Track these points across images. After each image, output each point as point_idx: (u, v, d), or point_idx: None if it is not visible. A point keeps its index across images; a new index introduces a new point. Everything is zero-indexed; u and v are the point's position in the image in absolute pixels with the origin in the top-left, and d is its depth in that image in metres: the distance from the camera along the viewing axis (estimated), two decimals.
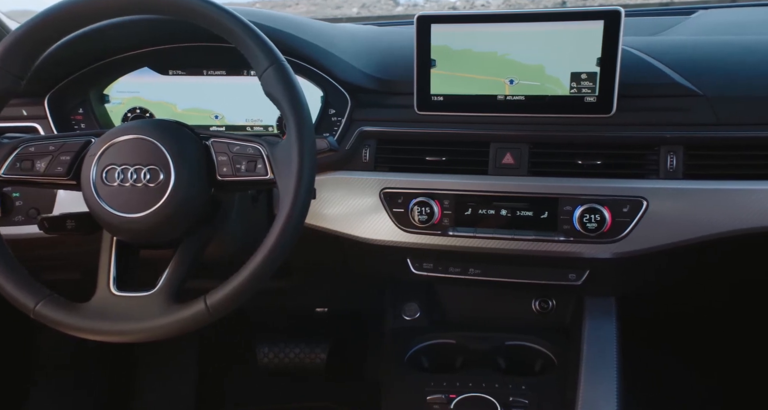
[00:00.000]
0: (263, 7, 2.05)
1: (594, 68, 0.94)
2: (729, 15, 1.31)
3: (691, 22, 1.25)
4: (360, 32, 1.23)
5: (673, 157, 0.94)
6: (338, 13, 2.08)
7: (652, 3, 1.77)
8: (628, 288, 1.08)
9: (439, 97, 1.01)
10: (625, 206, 0.94)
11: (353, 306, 1.48)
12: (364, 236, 1.05)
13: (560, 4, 1.87)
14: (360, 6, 2.04)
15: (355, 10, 2.05)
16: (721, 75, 0.97)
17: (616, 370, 0.93)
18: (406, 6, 2.01)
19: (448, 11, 0.99)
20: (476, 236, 1.01)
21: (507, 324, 1.11)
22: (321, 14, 2.08)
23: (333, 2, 2.15)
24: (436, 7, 1.96)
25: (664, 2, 1.74)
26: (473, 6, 1.90)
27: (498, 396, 0.91)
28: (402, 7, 2.01)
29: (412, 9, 1.94)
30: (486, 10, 1.65)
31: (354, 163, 1.05)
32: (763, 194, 0.90)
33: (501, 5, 1.94)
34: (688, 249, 0.95)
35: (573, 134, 0.98)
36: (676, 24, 1.23)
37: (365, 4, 2.04)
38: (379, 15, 1.98)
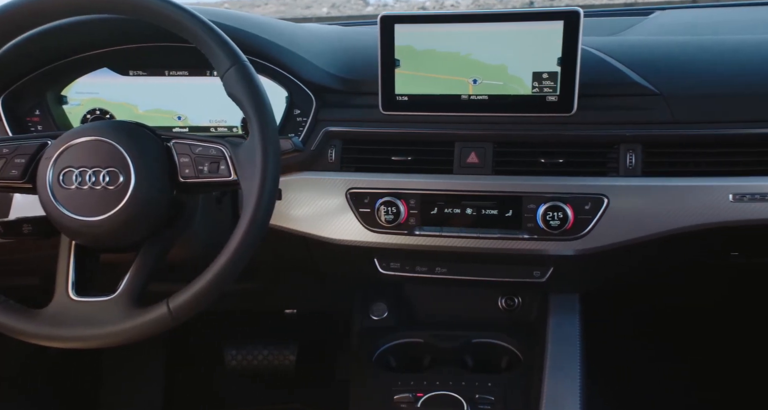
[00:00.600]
0: (231, 7, 2.03)
1: (555, 68, 0.95)
2: (685, 16, 1.35)
3: (649, 23, 1.28)
4: (325, 32, 1.23)
5: (632, 155, 0.96)
6: (308, 13, 2.07)
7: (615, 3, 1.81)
8: (591, 285, 1.10)
9: (403, 97, 1.01)
10: (586, 203, 0.96)
11: (322, 307, 1.48)
12: (331, 236, 1.05)
13: (528, 4, 1.89)
14: (330, 6, 2.04)
15: (324, 9, 2.04)
16: (677, 74, 0.99)
17: (579, 365, 0.94)
18: (376, 6, 2.01)
19: (411, 11, 0.99)
20: (442, 236, 1.01)
21: (474, 321, 1.12)
22: (290, 14, 2.07)
23: (302, 2, 2.14)
24: (406, 7, 1.96)
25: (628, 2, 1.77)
26: (443, 6, 1.91)
27: (464, 394, 0.91)
28: (372, 6, 2.00)
29: (382, 9, 1.94)
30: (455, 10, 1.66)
31: (320, 163, 1.05)
32: (717, 190, 0.93)
33: (470, 5, 1.95)
34: (648, 245, 0.97)
35: (536, 133, 0.99)
36: (635, 24, 1.26)
37: (335, 4, 2.03)
38: (349, 15, 1.98)
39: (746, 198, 0.92)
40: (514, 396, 0.92)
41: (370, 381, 0.98)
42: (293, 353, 1.53)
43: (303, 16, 2.03)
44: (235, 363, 1.54)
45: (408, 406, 0.90)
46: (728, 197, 0.92)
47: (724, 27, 1.24)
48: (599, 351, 1.15)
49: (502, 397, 0.92)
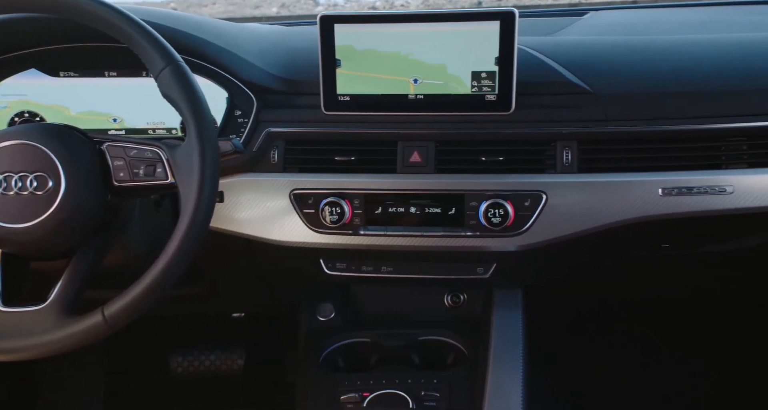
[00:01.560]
0: (178, 7, 1.99)
1: (493, 67, 0.97)
2: (618, 16, 1.39)
3: (583, 23, 1.32)
4: (266, 32, 1.22)
5: (568, 152, 0.99)
6: (257, 13, 2.05)
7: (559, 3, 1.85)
8: (533, 280, 1.13)
9: (345, 97, 1.01)
10: (526, 200, 0.98)
11: (270, 309, 1.46)
12: (276, 238, 1.04)
13: (476, 4, 1.91)
14: (279, 6, 2.02)
15: (274, 9, 2.02)
16: (609, 73, 1.02)
17: (521, 359, 0.96)
18: (326, 6, 2.00)
19: (350, 11, 0.99)
20: (387, 235, 1.02)
21: (421, 319, 1.13)
22: (239, 14, 2.04)
23: (251, 2, 2.10)
24: (357, 7, 1.96)
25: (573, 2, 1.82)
26: (393, 6, 1.92)
27: (410, 392, 0.92)
28: (322, 6, 2.00)
29: (333, 9, 1.93)
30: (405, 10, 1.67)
31: (263, 164, 1.04)
32: (648, 185, 0.96)
33: (420, 5, 1.96)
34: (585, 239, 1.00)
35: (476, 131, 1.00)
36: (570, 24, 1.30)
37: (285, 4, 2.01)
38: (300, 14, 1.96)
39: (674, 192, 0.96)
40: (459, 392, 0.93)
41: (316, 382, 0.98)
42: (241, 357, 1.51)
43: (252, 16, 2.00)
44: (180, 370, 1.51)
45: (354, 406, 0.91)
46: (658, 191, 0.96)
47: (654, 28, 1.29)
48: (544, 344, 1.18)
49: (447, 393, 0.93)
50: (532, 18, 1.42)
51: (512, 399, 0.89)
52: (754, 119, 0.95)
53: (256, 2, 2.09)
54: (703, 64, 1.05)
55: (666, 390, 1.52)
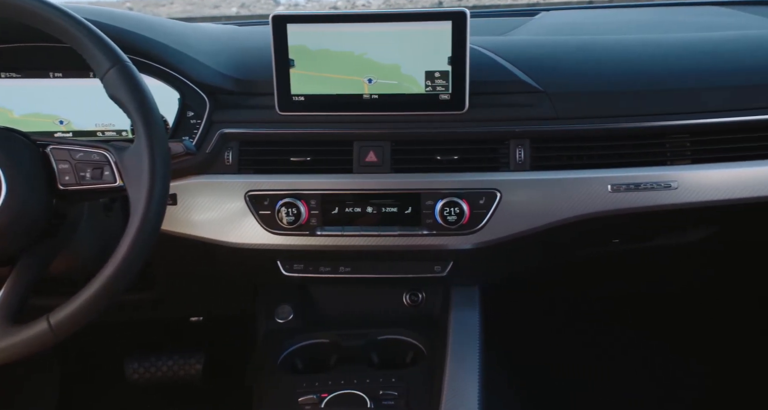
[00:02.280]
0: (134, 6, 1.96)
1: (446, 67, 0.98)
2: (568, 16, 1.42)
3: (535, 23, 1.34)
4: (219, 32, 1.20)
5: (521, 150, 1.00)
6: (216, 13, 2.02)
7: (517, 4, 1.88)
8: (490, 277, 1.14)
9: (300, 98, 1.01)
10: (481, 198, 0.99)
11: (229, 312, 1.44)
12: (232, 240, 1.03)
13: (437, 4, 1.93)
14: (239, 5, 1.99)
15: (234, 9, 1.99)
16: (559, 72, 1.04)
17: (478, 356, 0.98)
18: (287, 5, 1.98)
19: (302, 11, 0.99)
20: (344, 235, 1.02)
21: (380, 319, 1.13)
22: (198, 14, 2.01)
23: (210, 1, 2.08)
24: (318, 7, 1.96)
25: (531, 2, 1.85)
26: (354, 6, 1.92)
27: (368, 391, 0.92)
28: (283, 6, 1.98)
29: (294, 9, 1.92)
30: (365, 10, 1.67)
31: (217, 166, 1.03)
32: (597, 182, 0.98)
33: (381, 5, 1.97)
34: (539, 236, 1.01)
35: (431, 130, 1.01)
36: (522, 24, 1.32)
37: (244, 4, 1.99)
38: (260, 14, 1.95)
39: (623, 188, 0.98)
40: (417, 390, 0.94)
41: (274, 384, 0.97)
42: (200, 361, 1.48)
43: (211, 16, 1.98)
44: (136, 376, 1.47)
45: (312, 407, 0.90)
46: (607, 187, 0.98)
47: (603, 28, 1.32)
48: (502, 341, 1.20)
49: (405, 392, 0.93)
50: (484, 18, 1.44)
51: (469, 396, 0.90)
52: (696, 117, 0.99)
53: (215, 2, 2.06)
54: (649, 63, 1.08)
55: (623, 386, 1.56)
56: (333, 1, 2.00)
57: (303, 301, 1.17)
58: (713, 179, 0.99)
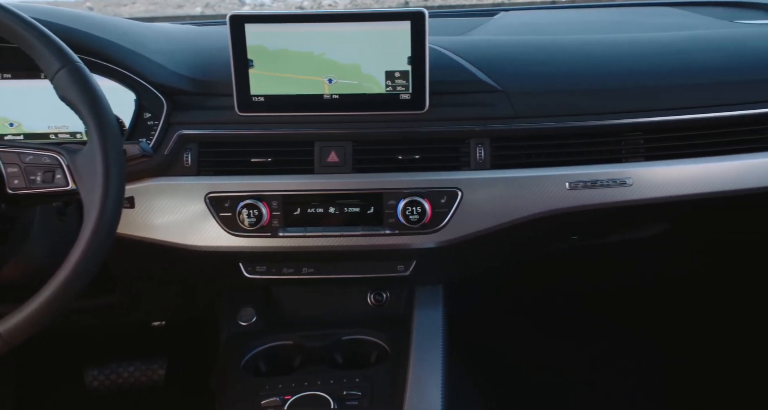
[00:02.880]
0: (95, 6, 1.91)
1: (406, 67, 0.98)
2: (527, 17, 1.45)
3: (494, 23, 1.36)
4: (176, 32, 1.18)
5: (481, 149, 1.01)
6: (180, 12, 1.99)
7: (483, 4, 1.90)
8: (453, 275, 1.15)
9: (259, 98, 1.00)
10: (442, 197, 1.00)
11: (191, 316, 1.42)
12: (192, 243, 1.01)
13: (403, 3, 1.94)
14: (204, 5, 1.96)
15: (198, 9, 1.96)
16: (517, 72, 1.06)
17: (441, 355, 0.98)
18: (252, 5, 1.96)
19: (260, 11, 0.98)
20: (306, 236, 1.01)
21: (345, 319, 1.13)
22: (161, 13, 1.98)
23: (174, 1, 2.04)
24: (284, 7, 1.95)
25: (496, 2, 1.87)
26: (320, 6, 1.91)
27: (332, 392, 0.92)
28: (248, 6, 1.96)
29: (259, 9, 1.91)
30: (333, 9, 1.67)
31: (175, 168, 1.01)
32: (555, 179, 1.00)
33: (348, 5, 1.96)
34: (501, 233, 1.03)
35: (392, 130, 1.01)
36: (481, 24, 1.33)
37: (209, 4, 1.96)
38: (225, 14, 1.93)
39: (580, 185, 1.00)
40: (381, 390, 0.94)
41: (237, 388, 0.96)
42: (162, 367, 1.46)
43: (175, 15, 1.95)
44: (96, 383, 1.44)
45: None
46: (565, 185, 1.00)
47: (560, 28, 1.34)
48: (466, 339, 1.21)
49: (369, 391, 0.93)
50: (444, 18, 1.45)
51: (432, 394, 0.91)
52: (650, 115, 1.01)
53: (178, 2, 2.03)
54: (605, 62, 1.10)
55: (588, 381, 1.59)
56: (299, 1, 1.99)
57: (266, 303, 1.16)
58: (666, 176, 1.01)
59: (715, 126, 1.03)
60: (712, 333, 1.63)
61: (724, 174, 1.03)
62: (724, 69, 1.08)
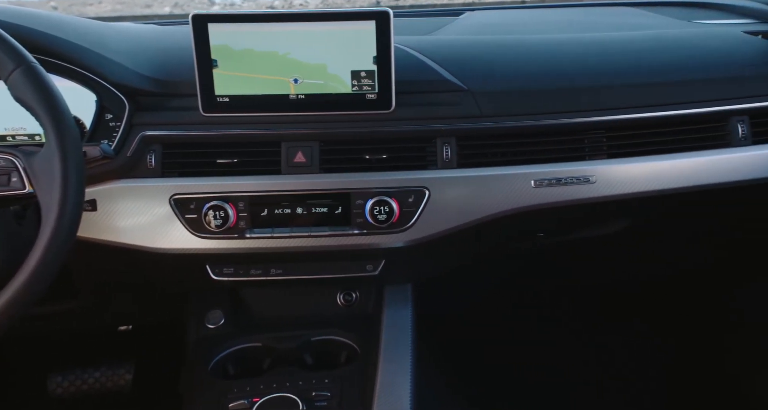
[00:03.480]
0: (59, 5, 1.87)
1: (372, 66, 0.98)
2: (492, 16, 1.46)
3: (460, 23, 1.37)
4: (138, 32, 1.16)
5: (448, 148, 1.02)
6: (148, 12, 1.95)
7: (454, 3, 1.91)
8: (422, 274, 1.15)
9: (224, 98, 0.99)
10: (410, 196, 1.00)
11: (159, 319, 1.40)
12: (157, 246, 1.00)
13: (375, 3, 1.93)
14: (173, 5, 1.93)
15: (167, 8, 1.93)
16: (482, 71, 1.07)
17: (410, 354, 0.99)
18: (222, 5, 1.94)
19: (223, 11, 0.97)
20: (274, 237, 1.01)
21: (314, 320, 1.13)
22: (128, 13, 1.94)
23: (142, 0, 2.00)
24: (254, 6, 1.93)
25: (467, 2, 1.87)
26: (292, 5, 1.90)
27: (301, 393, 0.92)
28: (218, 5, 1.94)
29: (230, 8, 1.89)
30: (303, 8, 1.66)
31: (139, 170, 1.00)
32: (521, 177, 1.01)
33: (319, 5, 1.95)
34: (468, 232, 1.03)
35: (358, 130, 1.01)
36: (447, 24, 1.34)
37: (178, 3, 1.93)
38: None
39: (545, 183, 1.01)
40: (350, 390, 0.94)
41: (204, 391, 0.95)
42: (129, 372, 1.43)
43: (143, 15, 1.91)
44: (60, 390, 1.41)
45: None
46: (530, 183, 1.01)
47: (524, 27, 1.36)
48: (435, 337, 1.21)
49: (338, 392, 0.93)
50: (410, 18, 1.45)
51: (401, 394, 0.91)
52: (611, 113, 1.03)
53: (146, 1, 1.99)
54: (568, 62, 1.12)
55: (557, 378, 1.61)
56: (270, 0, 1.97)
57: (234, 305, 1.15)
58: (628, 173, 1.03)
59: (675, 124, 1.06)
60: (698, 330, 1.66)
61: (685, 171, 1.05)
62: (683, 68, 1.11)
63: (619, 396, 1.58)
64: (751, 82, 1.09)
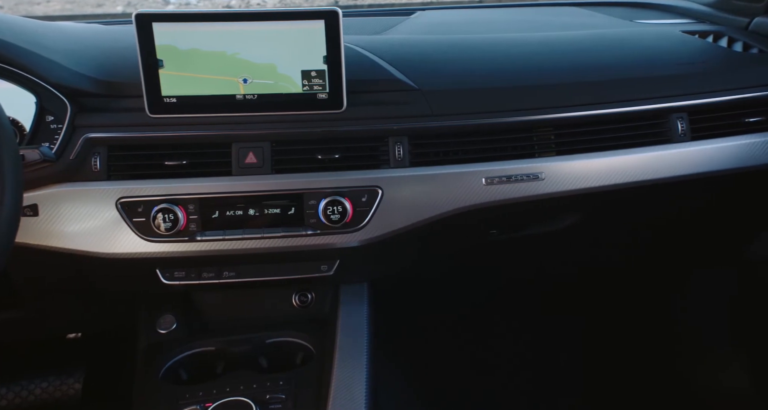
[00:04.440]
0: (5, 4, 1.80)
1: (322, 66, 0.98)
2: (443, 16, 1.47)
3: (411, 22, 1.37)
4: (81, 31, 1.13)
5: (400, 147, 1.02)
6: (100, 11, 1.90)
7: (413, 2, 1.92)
8: (376, 273, 1.16)
9: (171, 99, 0.97)
10: (363, 195, 1.00)
11: (110, 325, 1.36)
12: (104, 251, 0.97)
13: (333, 3, 1.92)
14: (125, 4, 1.88)
15: (120, 8, 1.88)
16: (433, 71, 1.08)
17: (366, 353, 0.99)
18: (177, 4, 1.90)
19: (167, 10, 0.95)
20: (225, 239, 0.99)
21: (269, 322, 1.11)
22: (79, 12, 1.89)
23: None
24: (210, 6, 1.89)
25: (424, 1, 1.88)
26: (249, 5, 1.88)
27: (255, 396, 0.90)
28: (173, 5, 1.90)
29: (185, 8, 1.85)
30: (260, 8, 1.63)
31: (83, 173, 0.97)
32: (472, 175, 1.02)
33: (277, 4, 1.93)
34: (422, 230, 1.04)
35: (310, 130, 1.01)
36: (398, 23, 1.34)
37: (131, 2, 1.88)
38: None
39: (496, 181, 1.03)
40: (305, 391, 0.93)
41: (155, 398, 0.92)
42: (79, 381, 1.39)
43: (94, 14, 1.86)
44: (5, 403, 1.35)
45: None
46: (482, 181, 1.03)
47: (474, 26, 1.37)
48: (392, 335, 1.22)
49: (293, 394, 0.93)
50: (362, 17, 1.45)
51: (357, 393, 0.91)
52: (558, 111, 1.05)
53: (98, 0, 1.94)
54: (516, 61, 1.14)
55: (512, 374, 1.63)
56: (226, 0, 1.95)
57: (187, 309, 1.13)
58: (576, 170, 1.06)
59: (618, 121, 1.09)
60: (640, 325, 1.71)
61: (629, 167, 1.08)
62: (626, 67, 1.14)
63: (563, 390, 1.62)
64: (689, 80, 1.13)
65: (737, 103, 1.13)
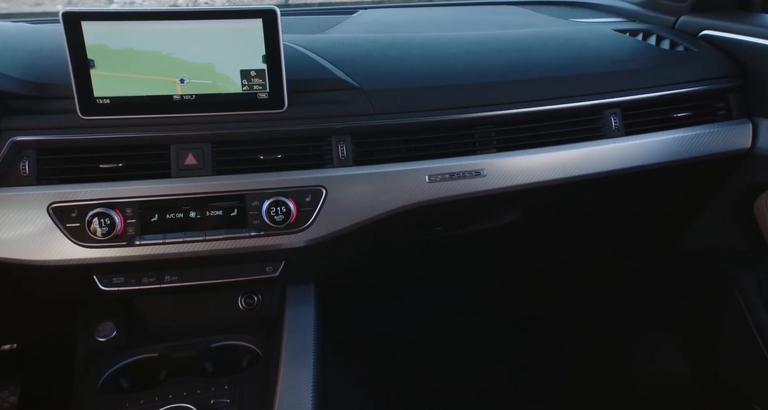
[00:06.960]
0: None
1: (262, 65, 0.97)
2: (384, 15, 1.47)
3: (352, 21, 1.37)
4: (6, 31, 1.08)
5: (343, 146, 1.02)
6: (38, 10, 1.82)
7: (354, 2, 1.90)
8: (323, 273, 1.15)
9: (104, 100, 0.94)
10: (307, 195, 1.00)
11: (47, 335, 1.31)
12: (36, 258, 0.93)
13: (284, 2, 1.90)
14: (66, 3, 1.80)
15: (59, 7, 1.80)
16: (374, 70, 1.08)
17: (313, 353, 0.98)
18: (121, 4, 1.84)
19: (97, 8, 0.92)
20: (166, 242, 0.97)
21: (216, 325, 1.10)
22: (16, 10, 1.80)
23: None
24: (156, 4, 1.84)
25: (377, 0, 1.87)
26: (196, 3, 1.83)
27: (199, 402, 0.89)
28: (117, 4, 1.83)
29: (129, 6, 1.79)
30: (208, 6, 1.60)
31: (11, 178, 0.93)
32: (416, 173, 1.03)
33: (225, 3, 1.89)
34: (368, 228, 1.04)
35: (251, 130, 0.99)
36: (340, 22, 1.34)
37: (72, 1, 1.80)
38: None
39: (439, 178, 1.04)
40: (251, 394, 0.92)
41: (93, 408, 0.90)
42: (14, 393, 1.33)
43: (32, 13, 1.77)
44: None
45: None
46: (425, 178, 1.04)
47: (414, 25, 1.38)
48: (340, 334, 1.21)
49: (238, 397, 0.91)
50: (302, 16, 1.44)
51: (303, 394, 0.90)
52: (497, 108, 1.07)
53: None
54: (456, 59, 1.15)
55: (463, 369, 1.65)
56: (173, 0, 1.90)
57: (127, 316, 1.09)
58: (516, 165, 1.08)
59: (555, 117, 1.12)
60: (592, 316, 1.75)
61: (566, 162, 1.11)
62: (562, 64, 1.17)
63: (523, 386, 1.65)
64: (621, 77, 1.17)
65: (666, 99, 1.18)
